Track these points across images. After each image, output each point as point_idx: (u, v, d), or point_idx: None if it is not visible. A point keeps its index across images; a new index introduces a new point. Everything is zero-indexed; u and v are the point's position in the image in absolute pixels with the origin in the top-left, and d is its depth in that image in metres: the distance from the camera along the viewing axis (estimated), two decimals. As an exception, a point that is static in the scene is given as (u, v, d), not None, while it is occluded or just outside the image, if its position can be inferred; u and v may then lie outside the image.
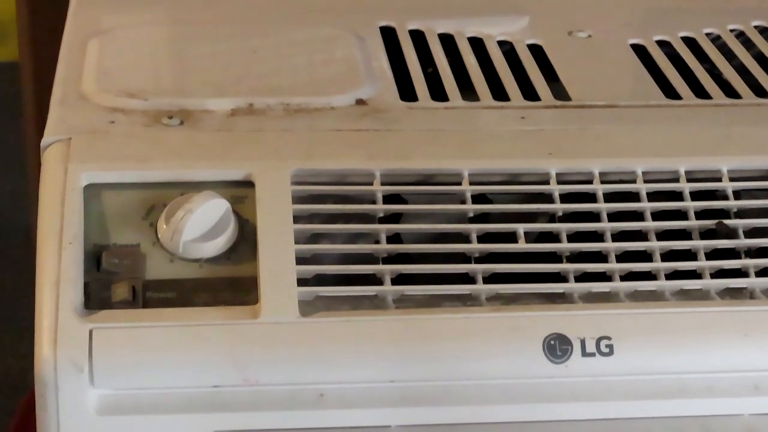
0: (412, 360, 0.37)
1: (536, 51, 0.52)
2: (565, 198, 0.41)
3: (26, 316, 0.41)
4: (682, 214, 0.41)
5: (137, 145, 0.42)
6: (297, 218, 0.39)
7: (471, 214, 0.40)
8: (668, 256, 0.40)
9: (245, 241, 0.39)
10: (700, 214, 0.41)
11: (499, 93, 0.48)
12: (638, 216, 0.41)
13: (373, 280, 0.38)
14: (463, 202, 0.40)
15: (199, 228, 0.38)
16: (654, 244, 0.40)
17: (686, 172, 0.42)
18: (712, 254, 0.40)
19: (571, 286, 0.38)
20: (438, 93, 0.48)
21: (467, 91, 0.49)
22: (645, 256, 0.40)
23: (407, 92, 0.47)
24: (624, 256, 0.40)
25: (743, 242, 0.40)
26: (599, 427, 0.38)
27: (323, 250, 0.39)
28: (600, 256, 0.39)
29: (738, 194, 0.42)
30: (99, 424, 0.37)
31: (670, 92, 0.49)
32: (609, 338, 0.37)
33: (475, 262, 0.39)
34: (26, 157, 1.04)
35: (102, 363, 0.36)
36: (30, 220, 0.44)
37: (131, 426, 0.36)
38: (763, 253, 0.41)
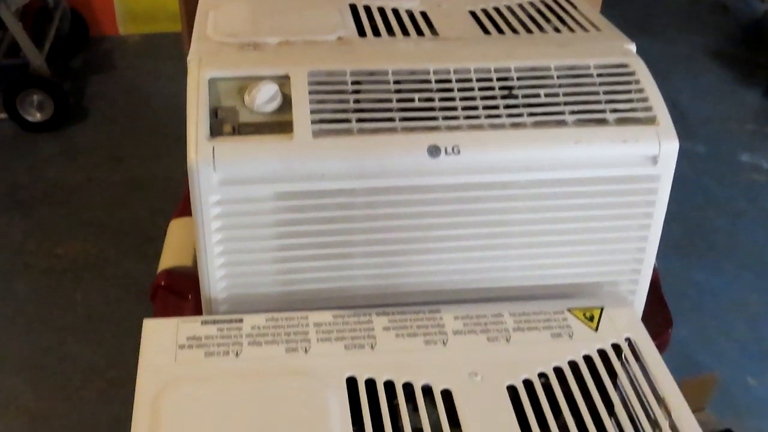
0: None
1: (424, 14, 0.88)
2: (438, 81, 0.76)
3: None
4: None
5: (234, 60, 0.78)
6: (311, 92, 0.75)
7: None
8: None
9: (286, 105, 0.76)
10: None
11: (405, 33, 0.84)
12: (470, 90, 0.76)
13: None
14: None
15: (263, 97, 0.75)
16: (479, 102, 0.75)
17: (495, 69, 0.77)
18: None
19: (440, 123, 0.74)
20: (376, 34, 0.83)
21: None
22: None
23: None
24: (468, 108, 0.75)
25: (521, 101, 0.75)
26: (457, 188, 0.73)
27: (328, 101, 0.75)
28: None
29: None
30: (220, 190, 0.72)
31: (486, 32, 0.85)
32: (458, 146, 0.73)
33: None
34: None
35: (219, 160, 0.71)
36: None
37: (237, 191, 0.73)
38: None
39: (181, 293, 0.89)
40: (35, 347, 1.52)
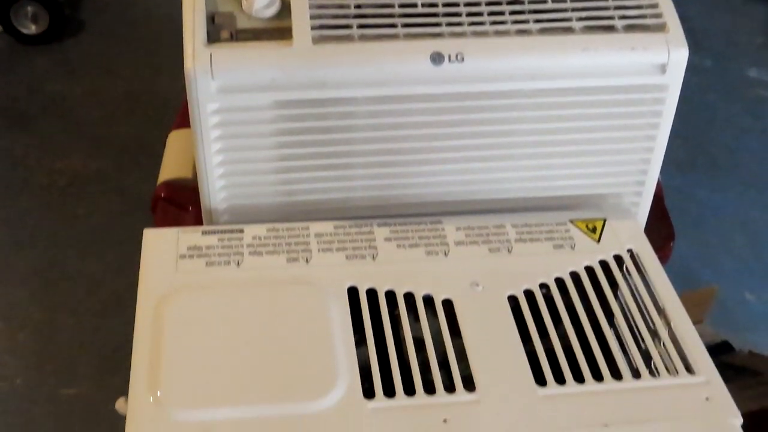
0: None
1: None
2: None
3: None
4: None
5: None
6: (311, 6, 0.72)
7: None
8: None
9: (285, 10, 0.73)
10: None
11: None
12: None
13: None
14: None
15: (261, 2, 0.71)
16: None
17: None
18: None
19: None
20: None
21: None
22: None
23: None
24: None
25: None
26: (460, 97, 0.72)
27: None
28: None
29: None
30: (218, 98, 0.69)
31: None
32: (462, 53, 0.71)
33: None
34: None
35: (217, 66, 0.68)
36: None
37: (236, 99, 0.71)
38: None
39: (182, 205, 0.88)
40: (39, 261, 1.52)
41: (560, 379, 0.63)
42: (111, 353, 1.35)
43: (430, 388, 0.62)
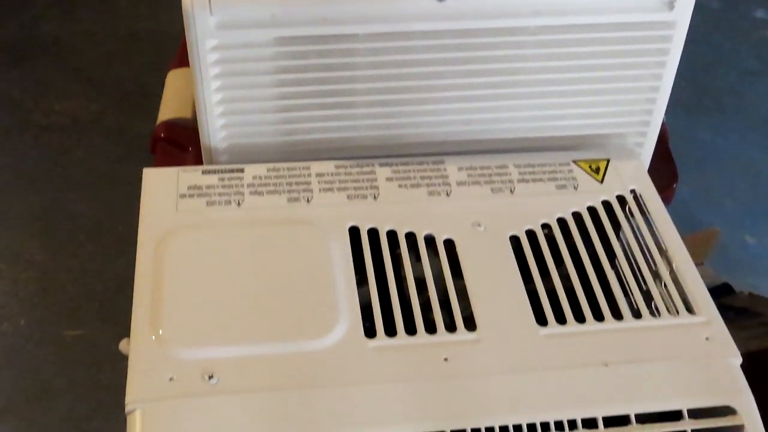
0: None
1: None
2: None
3: None
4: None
5: None
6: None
7: None
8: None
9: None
10: None
11: None
12: None
13: None
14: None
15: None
16: None
17: None
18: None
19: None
20: None
21: None
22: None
23: None
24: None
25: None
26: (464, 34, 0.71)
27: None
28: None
29: None
30: (217, 34, 0.68)
31: None
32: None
33: None
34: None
35: (216, 1, 0.66)
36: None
37: (235, 36, 0.69)
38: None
39: (182, 145, 0.87)
40: (40, 204, 1.52)
41: (561, 319, 0.63)
42: (113, 295, 1.35)
43: (431, 328, 0.62)
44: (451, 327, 0.62)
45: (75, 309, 1.35)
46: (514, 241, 0.69)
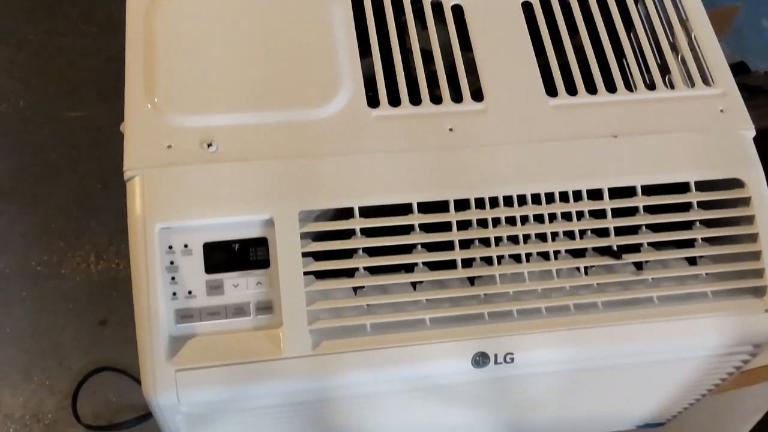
0: None
1: None
2: None
3: None
4: None
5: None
6: None
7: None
8: None
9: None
10: None
11: None
12: None
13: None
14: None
15: None
16: None
17: None
18: None
19: None
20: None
21: None
22: None
23: None
24: None
25: None
26: None
27: None
28: None
29: None
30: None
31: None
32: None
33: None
34: None
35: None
36: None
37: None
38: None
39: None
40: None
41: (572, 90, 0.61)
42: (113, 76, 1.32)
43: (436, 100, 0.60)
44: (457, 99, 0.60)
45: (74, 91, 1.32)
46: (527, 8, 0.65)
